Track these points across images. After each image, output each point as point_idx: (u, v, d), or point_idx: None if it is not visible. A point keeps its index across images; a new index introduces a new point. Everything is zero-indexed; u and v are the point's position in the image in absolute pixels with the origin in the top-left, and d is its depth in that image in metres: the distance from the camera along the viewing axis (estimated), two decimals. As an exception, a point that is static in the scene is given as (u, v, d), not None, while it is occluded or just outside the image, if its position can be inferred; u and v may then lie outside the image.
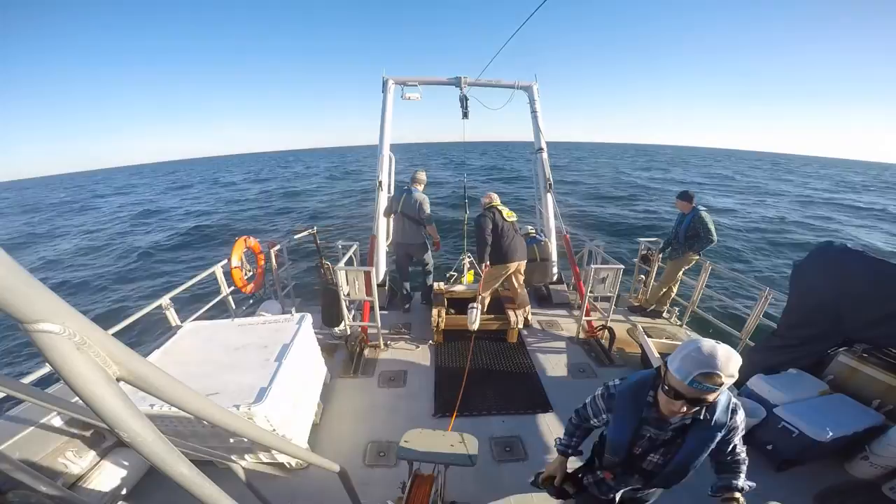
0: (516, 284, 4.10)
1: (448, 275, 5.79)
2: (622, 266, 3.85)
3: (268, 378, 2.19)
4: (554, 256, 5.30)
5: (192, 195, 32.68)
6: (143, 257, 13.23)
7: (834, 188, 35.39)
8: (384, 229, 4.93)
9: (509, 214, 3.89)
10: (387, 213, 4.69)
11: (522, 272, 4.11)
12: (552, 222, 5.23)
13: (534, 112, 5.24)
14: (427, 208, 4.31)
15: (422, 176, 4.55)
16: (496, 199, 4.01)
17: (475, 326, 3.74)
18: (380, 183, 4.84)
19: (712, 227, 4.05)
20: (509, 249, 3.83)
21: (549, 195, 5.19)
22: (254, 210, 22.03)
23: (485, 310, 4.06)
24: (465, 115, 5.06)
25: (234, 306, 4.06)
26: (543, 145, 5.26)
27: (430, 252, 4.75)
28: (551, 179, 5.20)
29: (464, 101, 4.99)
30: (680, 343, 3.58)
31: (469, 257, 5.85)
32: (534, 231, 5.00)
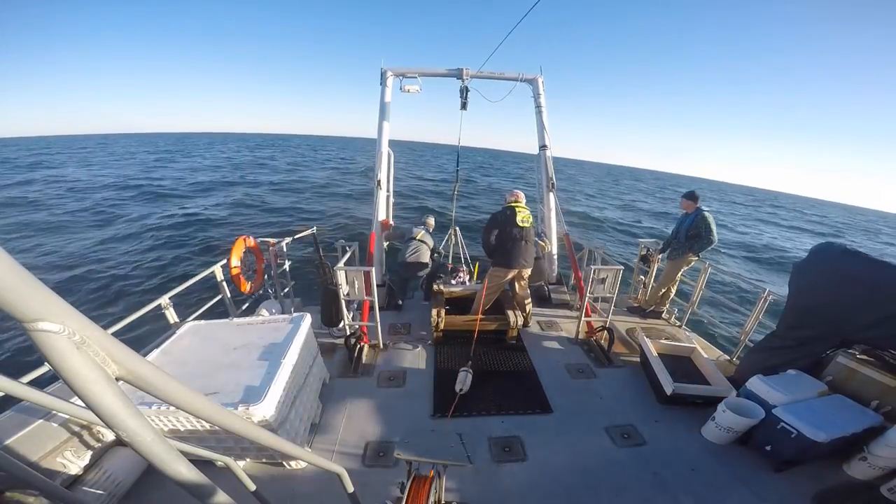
0: (517, 288, 4.10)
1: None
2: (622, 267, 3.85)
3: (267, 378, 2.19)
4: (554, 256, 5.28)
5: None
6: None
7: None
8: (386, 240, 4.97)
9: (524, 219, 3.84)
10: (396, 238, 4.95)
11: (525, 277, 4.10)
12: (553, 222, 5.20)
13: (538, 107, 5.09)
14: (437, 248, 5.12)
15: (432, 221, 5.21)
16: (521, 200, 3.98)
17: (461, 389, 3.09)
18: (378, 182, 4.79)
19: (714, 228, 4.06)
20: (512, 255, 3.82)
21: (551, 194, 5.13)
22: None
23: (482, 311, 4.06)
24: (464, 105, 4.94)
25: (233, 306, 4.06)
26: (548, 142, 5.12)
27: (433, 263, 5.01)
28: (554, 179, 5.11)
29: (464, 91, 4.84)
30: (679, 344, 3.60)
31: (457, 232, 5.87)
32: None
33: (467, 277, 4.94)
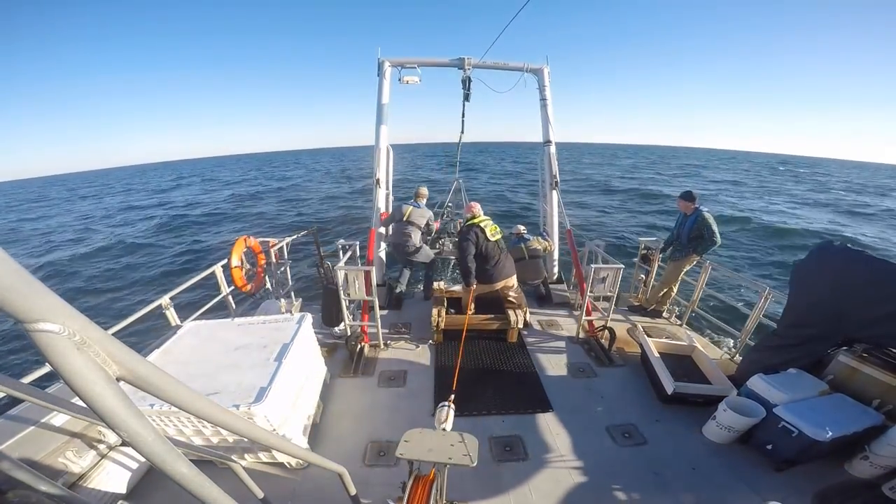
0: (510, 298, 4.06)
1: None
2: (622, 266, 3.85)
3: (268, 378, 2.19)
4: (555, 255, 5.25)
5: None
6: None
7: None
8: (384, 228, 4.91)
9: (493, 231, 3.76)
10: (389, 223, 4.74)
11: (513, 285, 4.05)
12: (556, 220, 5.14)
13: (543, 100, 4.90)
14: (433, 223, 4.82)
15: (424, 191, 4.85)
16: (479, 214, 3.88)
17: (441, 426, 2.30)
18: (377, 181, 4.75)
19: (716, 229, 4.00)
20: (495, 272, 3.79)
21: (554, 192, 5.05)
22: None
23: (470, 311, 4.05)
24: (467, 97, 4.78)
25: (234, 306, 4.06)
26: (552, 138, 4.94)
27: (432, 254, 4.87)
28: (558, 176, 5.00)
29: (466, 82, 4.67)
30: (680, 343, 3.59)
31: (460, 183, 5.71)
32: (524, 230, 4.97)
33: None
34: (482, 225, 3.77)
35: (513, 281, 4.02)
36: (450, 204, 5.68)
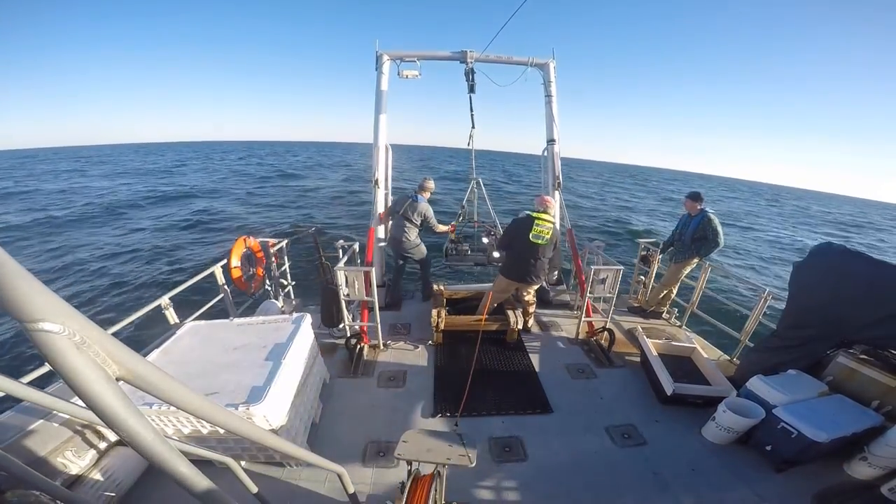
0: (522, 298, 4.07)
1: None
2: (622, 267, 3.85)
3: (267, 378, 2.19)
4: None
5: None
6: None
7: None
8: (383, 226, 4.89)
9: (538, 234, 3.56)
10: (386, 216, 4.68)
11: (532, 292, 4.01)
12: (557, 220, 5.13)
13: (548, 96, 4.75)
14: (433, 219, 4.57)
15: (430, 184, 4.64)
16: (549, 209, 3.66)
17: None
18: (376, 181, 4.72)
19: (721, 231, 3.99)
20: (516, 269, 3.76)
21: (556, 193, 5.04)
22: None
23: (487, 313, 4.04)
24: (472, 88, 4.61)
25: (233, 306, 4.06)
26: (556, 136, 4.82)
27: (426, 252, 4.80)
28: (561, 177, 4.96)
29: (470, 74, 4.52)
30: (679, 344, 3.59)
31: (480, 184, 5.45)
32: None
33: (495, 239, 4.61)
34: (536, 221, 3.58)
35: (533, 288, 3.97)
36: (464, 204, 5.55)
